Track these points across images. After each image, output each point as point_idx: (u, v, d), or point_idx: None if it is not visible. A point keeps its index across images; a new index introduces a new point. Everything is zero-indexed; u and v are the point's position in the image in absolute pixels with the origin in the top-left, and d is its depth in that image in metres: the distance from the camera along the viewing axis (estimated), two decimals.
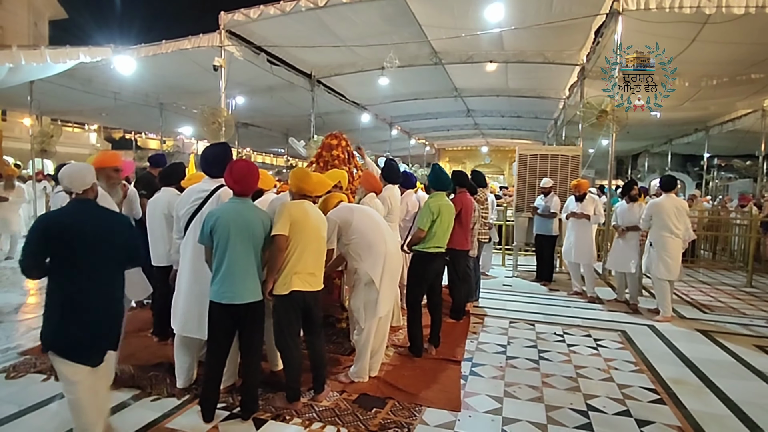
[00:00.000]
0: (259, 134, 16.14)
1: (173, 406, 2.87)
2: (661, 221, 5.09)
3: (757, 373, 3.70)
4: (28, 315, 4.72)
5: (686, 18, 6.52)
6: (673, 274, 5.05)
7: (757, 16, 5.78)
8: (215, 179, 2.96)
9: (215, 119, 7.37)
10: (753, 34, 6.86)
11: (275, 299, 2.83)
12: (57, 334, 2.24)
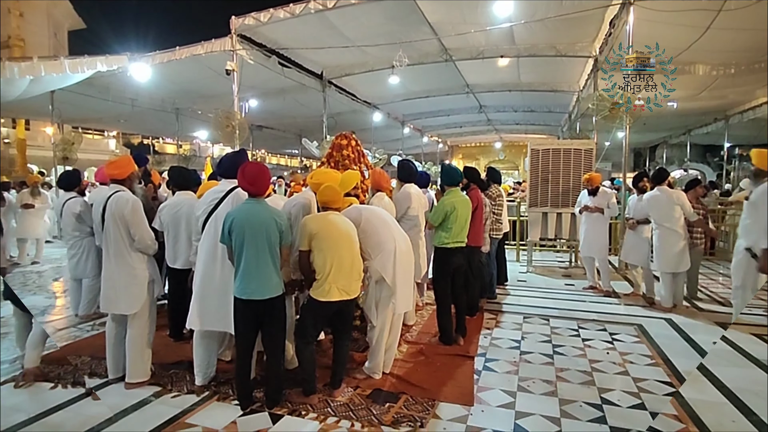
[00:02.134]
0: (273, 136, 16.35)
1: (192, 402, 2.97)
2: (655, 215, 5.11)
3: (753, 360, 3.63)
4: (54, 317, 4.90)
5: (700, 6, 6.42)
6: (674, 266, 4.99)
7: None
8: (230, 181, 3.08)
9: (229, 122, 7.52)
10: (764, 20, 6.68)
11: (309, 300, 2.98)
12: None
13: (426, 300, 5.21)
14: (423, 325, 4.54)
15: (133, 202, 3.13)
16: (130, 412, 2.86)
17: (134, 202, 3.14)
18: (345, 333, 3.17)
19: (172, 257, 3.82)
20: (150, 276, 3.25)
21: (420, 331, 4.36)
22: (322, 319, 3.04)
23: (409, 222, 4.25)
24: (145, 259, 3.23)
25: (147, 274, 3.23)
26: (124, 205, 3.09)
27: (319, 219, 3.00)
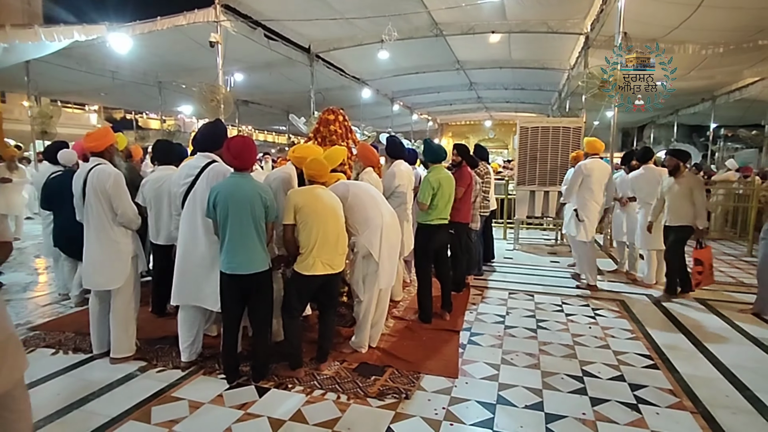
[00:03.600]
0: (259, 112, 16.04)
1: (178, 377, 2.97)
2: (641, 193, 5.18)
3: (751, 339, 3.77)
4: (36, 293, 4.83)
5: None
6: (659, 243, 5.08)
7: None
8: (207, 155, 3.00)
9: (214, 97, 7.32)
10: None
11: (293, 274, 2.97)
12: None
13: (413, 276, 5.23)
14: (410, 300, 4.58)
15: (114, 175, 3.05)
16: (116, 386, 2.85)
17: (116, 176, 3.06)
18: (330, 307, 3.18)
19: (154, 233, 3.77)
20: (133, 251, 3.20)
21: (407, 307, 4.40)
22: (307, 293, 3.04)
23: (397, 199, 4.22)
24: (128, 233, 3.18)
25: (131, 249, 3.18)
26: (106, 178, 3.01)
27: (305, 193, 2.96)
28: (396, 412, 2.61)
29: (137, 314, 3.32)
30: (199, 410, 2.61)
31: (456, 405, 2.70)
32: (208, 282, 2.97)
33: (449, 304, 4.20)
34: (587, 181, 4.99)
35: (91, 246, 3.09)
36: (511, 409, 2.66)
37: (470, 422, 2.53)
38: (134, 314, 3.26)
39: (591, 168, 5.00)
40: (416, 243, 4.15)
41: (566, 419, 2.56)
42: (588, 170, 4.99)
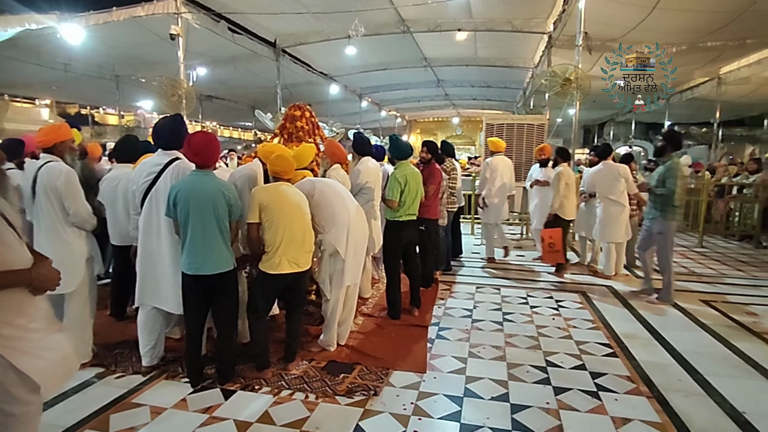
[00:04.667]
0: (224, 107, 15.63)
1: (139, 382, 2.87)
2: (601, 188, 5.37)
3: (701, 325, 3.98)
4: None
5: None
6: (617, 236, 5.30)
7: None
8: (169, 152, 2.89)
9: (175, 91, 7.09)
10: (709, 3, 7.01)
11: (259, 273, 2.90)
12: None
13: (382, 273, 5.24)
14: (379, 297, 4.58)
15: (66, 172, 2.89)
16: (71, 394, 2.72)
17: (68, 173, 2.90)
18: (297, 306, 3.14)
19: (112, 233, 3.60)
20: (88, 252, 3.05)
21: (376, 304, 4.40)
22: (273, 293, 2.99)
23: (364, 196, 4.21)
24: (82, 234, 3.03)
25: (85, 250, 3.03)
26: (57, 176, 2.86)
27: (270, 190, 2.90)
28: (365, 409, 2.61)
29: (94, 319, 3.18)
30: (161, 416, 2.53)
31: (424, 399, 2.72)
32: (170, 283, 2.87)
33: (418, 300, 4.23)
34: (494, 174, 5.90)
35: (42, 248, 2.91)
36: (477, 402, 2.71)
37: (438, 416, 2.56)
38: (90, 319, 3.12)
39: (496, 164, 5.96)
40: (385, 239, 4.16)
41: (531, 409, 2.63)
42: (494, 165, 5.94)
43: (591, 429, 2.45)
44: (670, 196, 4.36)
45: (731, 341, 3.62)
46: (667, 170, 4.43)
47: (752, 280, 5.53)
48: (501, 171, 5.92)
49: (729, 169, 9.69)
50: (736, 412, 2.62)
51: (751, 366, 3.21)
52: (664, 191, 4.39)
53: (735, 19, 7.41)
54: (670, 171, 4.40)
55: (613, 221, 5.28)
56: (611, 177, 5.28)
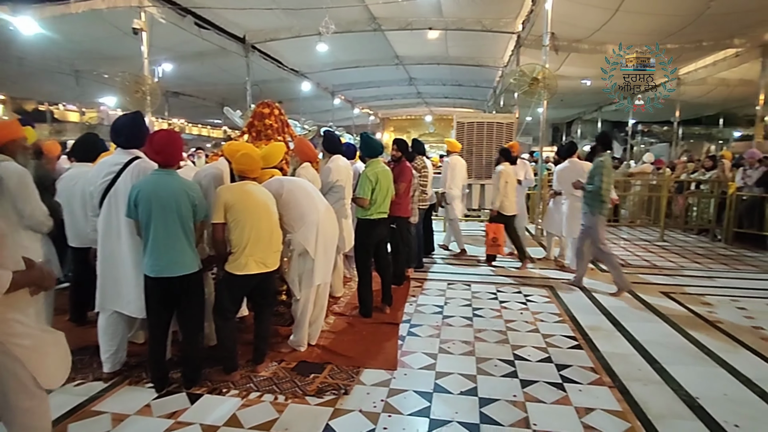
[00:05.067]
0: (192, 104, 15.23)
1: (100, 389, 2.76)
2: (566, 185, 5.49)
3: (661, 316, 4.15)
4: None
5: None
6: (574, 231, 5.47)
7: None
8: (129, 151, 2.80)
9: (139, 88, 6.86)
10: (667, 6, 7.29)
11: (225, 275, 2.84)
12: None
13: (353, 272, 5.23)
14: (351, 296, 4.57)
15: (20, 173, 2.75)
16: None
17: (21, 174, 2.75)
18: (267, 307, 3.09)
19: (70, 235, 3.46)
20: (44, 256, 2.92)
21: (347, 302, 4.39)
22: (240, 294, 2.94)
23: (335, 194, 4.19)
24: (37, 237, 2.89)
25: (40, 253, 2.89)
26: (9, 177, 2.71)
27: (235, 189, 2.85)
28: (335, 409, 2.60)
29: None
30: (123, 423, 2.45)
31: (394, 396, 2.73)
32: (132, 286, 2.78)
33: (389, 298, 4.25)
34: (454, 172, 6.18)
35: None
36: (447, 397, 2.74)
37: (408, 412, 2.58)
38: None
39: (455, 162, 6.27)
40: (356, 238, 4.15)
41: (498, 402, 2.68)
42: (453, 164, 6.23)
43: (556, 420, 2.52)
44: (597, 192, 4.61)
45: (688, 331, 3.79)
46: (595, 168, 4.69)
47: (708, 272, 5.81)
48: (459, 169, 6.28)
49: (687, 166, 10.13)
50: (690, 397, 2.74)
51: (705, 354, 3.37)
52: (592, 188, 4.65)
53: (692, 23, 7.74)
54: (597, 169, 4.65)
55: (578, 217, 5.43)
56: (576, 174, 5.42)
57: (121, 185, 2.73)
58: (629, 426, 2.46)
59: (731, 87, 11.89)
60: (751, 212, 7.36)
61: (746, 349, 3.47)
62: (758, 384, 2.91)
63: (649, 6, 7.36)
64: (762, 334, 3.76)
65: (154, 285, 2.64)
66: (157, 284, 2.64)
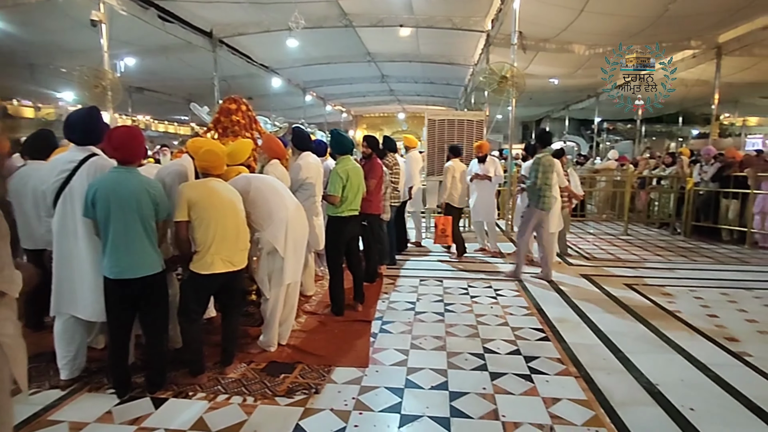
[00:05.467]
0: (157, 100, 14.74)
1: (57, 398, 2.63)
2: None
3: (624, 307, 4.30)
4: None
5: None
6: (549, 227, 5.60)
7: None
8: (84, 148, 2.67)
9: (98, 82, 6.57)
10: (629, 7, 7.53)
11: (190, 275, 2.76)
12: None
13: (325, 270, 5.19)
14: (323, 294, 4.53)
15: None
16: None
17: None
18: (234, 308, 3.03)
19: (23, 236, 3.28)
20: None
21: (319, 301, 4.35)
22: (206, 294, 2.86)
23: (305, 192, 4.14)
24: None
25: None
26: None
27: (199, 186, 2.77)
28: (305, 408, 2.56)
29: None
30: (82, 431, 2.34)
31: (365, 394, 2.72)
32: (90, 289, 2.67)
33: (361, 295, 4.23)
34: (415, 168, 6.55)
35: None
36: (418, 392, 2.75)
37: (379, 409, 2.57)
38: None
39: (417, 158, 6.71)
40: (327, 235, 4.11)
41: (468, 395, 2.71)
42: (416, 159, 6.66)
43: (524, 410, 2.57)
44: (533, 186, 4.97)
45: (649, 320, 3.94)
46: (533, 164, 5.04)
47: (668, 264, 6.06)
48: (418, 165, 6.75)
49: (649, 163, 10.53)
50: (650, 384, 2.85)
51: (664, 342, 3.51)
52: (529, 183, 5.04)
53: (651, 24, 8.02)
54: (534, 165, 5.00)
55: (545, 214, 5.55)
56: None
57: (77, 183, 2.61)
58: (593, 414, 2.53)
59: (689, 87, 12.40)
60: (707, 206, 7.72)
61: (702, 336, 3.64)
62: (712, 369, 3.05)
63: (612, 7, 7.59)
64: (716, 322, 3.95)
65: (115, 287, 2.54)
66: (118, 286, 2.54)
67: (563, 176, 5.67)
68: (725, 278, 5.39)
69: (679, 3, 7.03)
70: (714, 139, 10.86)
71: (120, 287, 2.54)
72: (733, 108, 17.43)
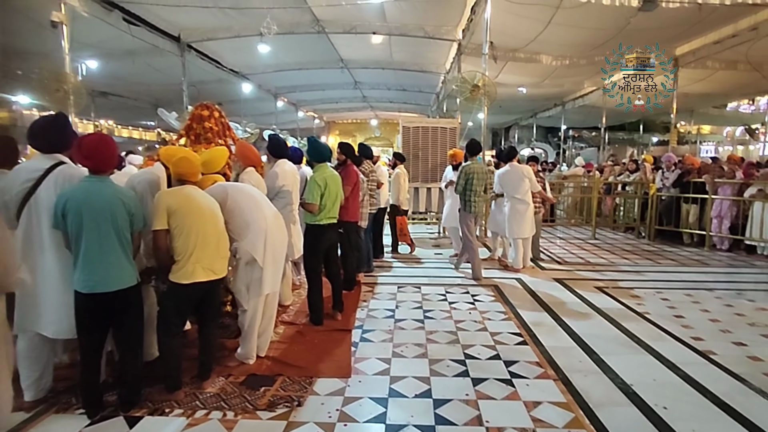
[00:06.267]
0: (122, 105, 14.24)
1: (21, 421, 2.47)
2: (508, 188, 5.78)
3: (597, 309, 4.43)
4: None
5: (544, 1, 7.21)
6: (523, 232, 5.74)
7: (595, 4, 6.64)
8: (51, 156, 2.55)
9: (59, 86, 6.29)
10: (593, 21, 7.85)
11: (170, 285, 2.67)
12: None
13: (302, 279, 5.12)
14: (301, 303, 4.46)
15: None
16: None
17: None
18: (212, 319, 2.94)
19: None
20: None
21: (297, 311, 4.28)
22: (186, 305, 2.77)
23: (282, 200, 4.08)
24: None
25: None
26: None
27: (177, 193, 2.69)
28: (288, 422, 2.51)
29: None
30: None
31: (349, 405, 2.69)
32: (58, 304, 2.53)
33: (340, 304, 4.20)
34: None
35: None
36: (402, 401, 2.74)
37: (364, 419, 2.55)
38: None
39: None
40: (305, 244, 4.06)
41: (452, 402, 2.72)
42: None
43: (506, 415, 2.60)
44: (460, 192, 5.42)
45: (620, 322, 4.07)
46: (459, 172, 5.47)
47: (635, 267, 6.29)
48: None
49: (614, 169, 10.96)
50: (626, 385, 2.94)
51: (635, 343, 3.64)
52: (457, 188, 5.48)
53: (614, 36, 8.38)
54: (461, 173, 5.43)
55: (519, 218, 5.69)
56: (517, 177, 5.68)
57: (43, 193, 2.48)
58: (573, 416, 2.58)
59: None
60: (669, 211, 8.08)
61: (670, 336, 3.79)
62: (681, 368, 3.18)
63: (577, 20, 7.89)
64: (683, 322, 4.13)
65: (87, 302, 2.42)
66: (91, 300, 2.41)
67: (536, 182, 5.82)
68: (688, 279, 5.65)
69: (640, 17, 7.37)
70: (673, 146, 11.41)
71: (93, 301, 2.42)
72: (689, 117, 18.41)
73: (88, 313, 2.45)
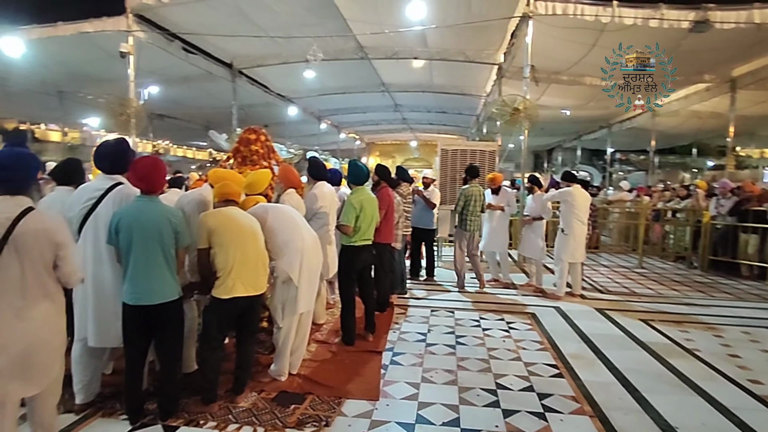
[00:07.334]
0: (176, 126, 15.20)
1: (71, 422, 2.66)
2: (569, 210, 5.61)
3: (640, 343, 4.20)
4: None
5: (587, 25, 7.14)
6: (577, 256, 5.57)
7: (642, 27, 6.51)
8: (111, 176, 2.79)
9: (123, 110, 6.85)
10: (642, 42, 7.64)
11: (212, 300, 2.81)
12: None
13: (336, 298, 5.20)
14: (333, 322, 4.53)
15: None
16: None
17: None
18: (250, 335, 3.05)
19: None
20: None
21: (330, 330, 4.35)
22: (227, 320, 2.88)
23: (319, 221, 4.20)
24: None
25: None
26: None
27: (217, 214, 2.86)
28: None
29: None
30: None
31: (376, 428, 2.69)
32: (109, 314, 2.72)
33: (372, 325, 4.22)
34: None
35: None
36: (429, 428, 2.71)
37: None
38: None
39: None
40: (340, 264, 4.15)
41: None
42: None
43: None
44: (459, 211, 5.83)
45: (666, 358, 3.84)
46: (459, 194, 5.89)
47: (685, 299, 5.93)
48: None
49: (664, 195, 10.45)
50: (670, 427, 2.77)
51: (682, 381, 3.42)
52: (456, 208, 5.91)
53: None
54: (461, 195, 5.85)
55: (579, 242, 5.55)
56: (585, 199, 5.60)
57: (102, 211, 2.71)
58: None
59: (703, 119, 12.41)
60: (725, 241, 7.59)
61: (723, 377, 3.53)
62: (736, 413, 2.95)
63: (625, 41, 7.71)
64: (738, 363, 3.84)
65: (132, 313, 2.59)
66: (136, 312, 2.59)
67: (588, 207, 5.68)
68: (746, 315, 5.26)
69: (691, 39, 7.13)
70: (730, 172, 10.76)
71: (137, 313, 2.59)
72: (750, 140, 17.32)
73: (133, 324, 2.62)
